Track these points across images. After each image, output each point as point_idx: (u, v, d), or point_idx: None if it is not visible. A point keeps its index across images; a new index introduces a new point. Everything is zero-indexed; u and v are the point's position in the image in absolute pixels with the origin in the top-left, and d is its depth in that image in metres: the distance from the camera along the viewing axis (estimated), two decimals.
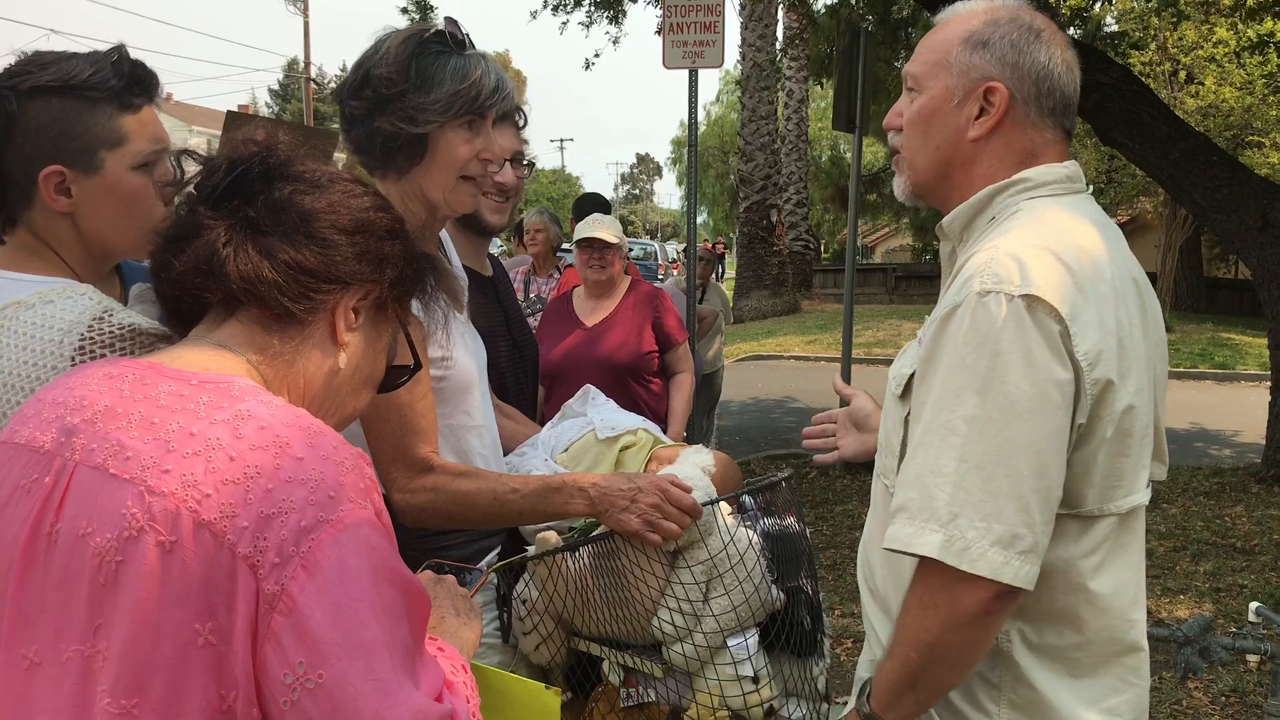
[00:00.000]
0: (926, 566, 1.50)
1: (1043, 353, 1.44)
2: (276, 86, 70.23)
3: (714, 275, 10.02)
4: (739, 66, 24.17)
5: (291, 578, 1.08)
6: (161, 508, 1.08)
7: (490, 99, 1.98)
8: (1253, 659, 4.55)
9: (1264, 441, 8.40)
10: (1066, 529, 1.55)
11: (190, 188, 1.34)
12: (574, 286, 5.35)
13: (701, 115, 7.79)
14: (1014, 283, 1.47)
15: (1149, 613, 5.29)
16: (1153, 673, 1.77)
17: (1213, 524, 7.00)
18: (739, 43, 22.80)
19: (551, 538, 2.00)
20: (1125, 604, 1.59)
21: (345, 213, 1.33)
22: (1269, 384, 8.38)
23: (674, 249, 35.23)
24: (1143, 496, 1.57)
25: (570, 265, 5.99)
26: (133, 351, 1.51)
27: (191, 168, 1.39)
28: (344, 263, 1.31)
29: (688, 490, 1.95)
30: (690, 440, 6.08)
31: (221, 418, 1.15)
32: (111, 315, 1.55)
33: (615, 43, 11.79)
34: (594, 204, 6.43)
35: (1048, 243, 1.52)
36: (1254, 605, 3.59)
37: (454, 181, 2.01)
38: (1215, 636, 3.41)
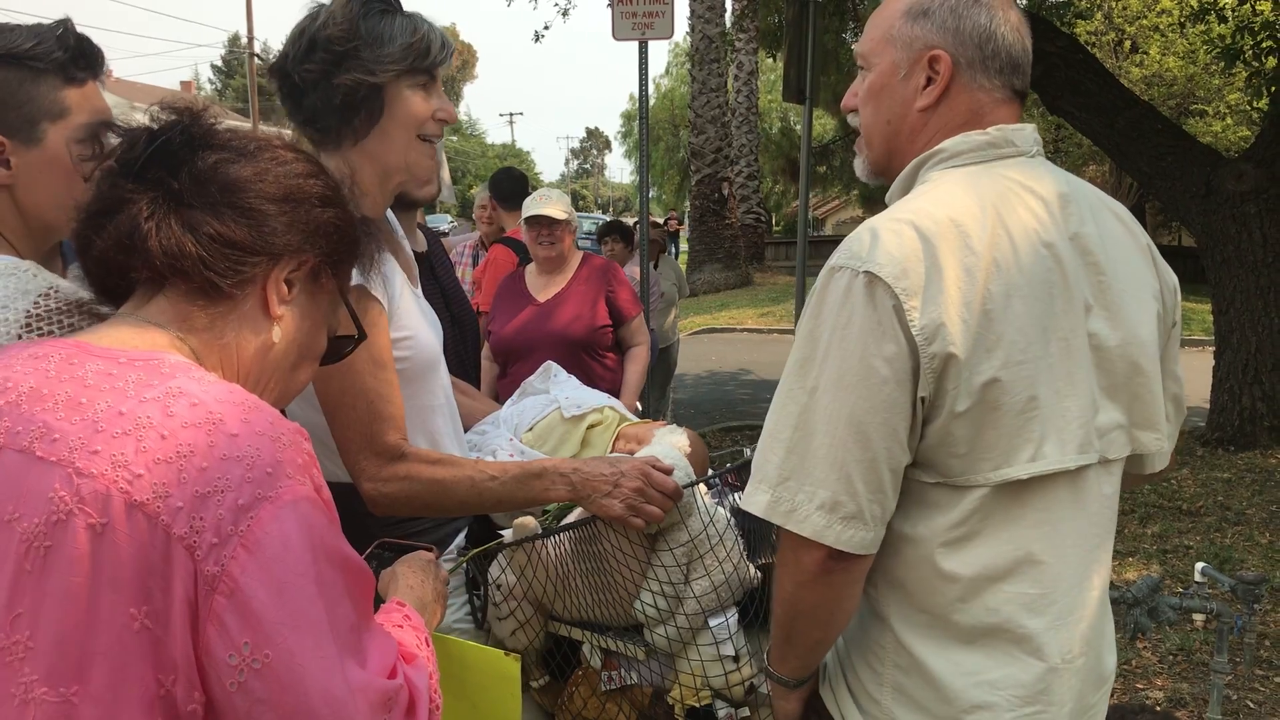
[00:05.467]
0: (785, 529, 1.56)
1: (874, 328, 1.47)
2: (220, 63, 69.17)
3: (667, 250, 9.99)
4: (688, 39, 24.07)
5: (231, 558, 1.06)
6: (91, 489, 1.05)
7: (440, 55, 1.99)
8: (1199, 618, 4.66)
9: (1208, 406, 8.56)
10: (938, 498, 1.57)
11: (111, 160, 1.29)
12: (520, 264, 5.31)
13: (651, 88, 7.75)
14: (861, 258, 1.50)
15: None
16: None
17: (1159, 487, 7.12)
18: (688, 14, 22.70)
19: (530, 523, 1.98)
20: (992, 576, 1.57)
21: (274, 181, 1.29)
22: (1213, 349, 8.53)
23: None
24: (1020, 470, 1.53)
25: (497, 242, 5.95)
26: (80, 326, 1.47)
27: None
28: (273, 233, 1.27)
29: (669, 472, 1.93)
30: (644, 413, 6.07)
31: (152, 396, 1.12)
32: (57, 291, 1.52)
33: (564, 15, 11.71)
34: (513, 180, 6.37)
35: (915, 215, 1.53)
36: (1200, 566, 3.66)
37: (412, 140, 1.99)
38: (1163, 597, 3.47)
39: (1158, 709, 4.08)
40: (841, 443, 1.49)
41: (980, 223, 1.53)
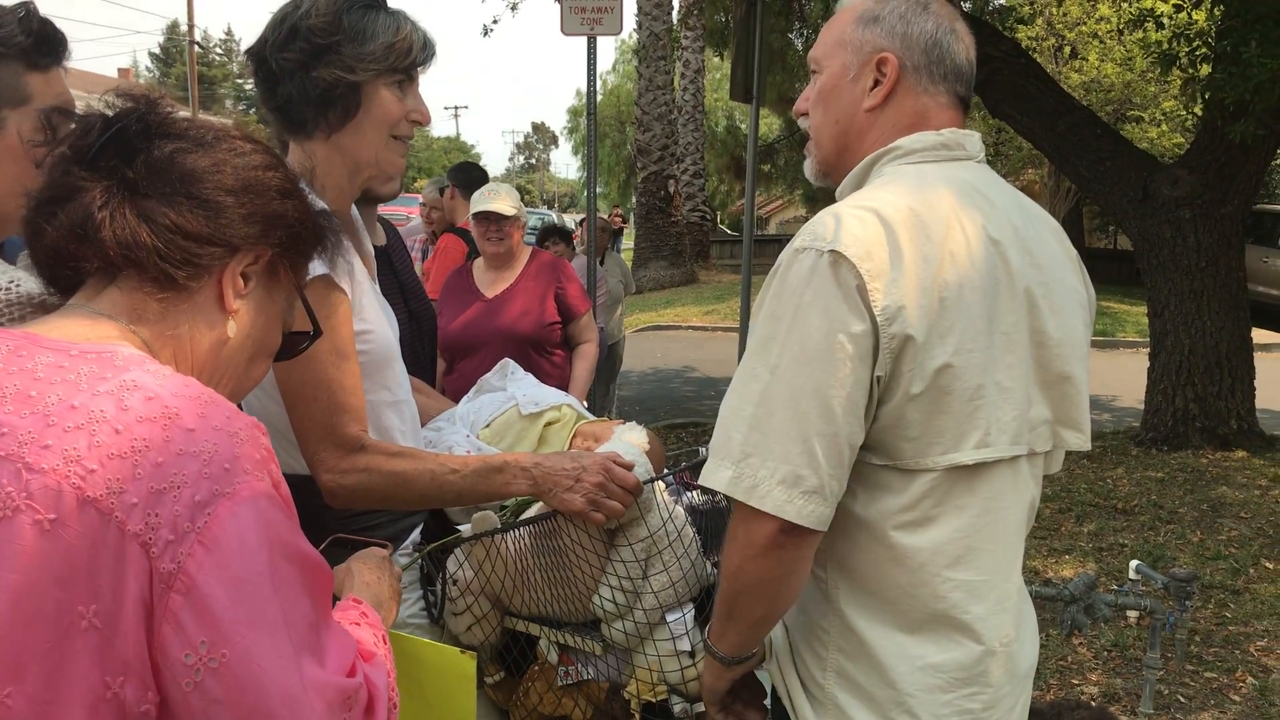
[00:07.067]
0: (736, 503, 1.58)
1: (839, 306, 1.51)
2: (158, 50, 67.98)
3: (611, 247, 10.01)
4: (635, 36, 24.06)
5: (189, 555, 1.04)
6: (41, 485, 1.02)
7: (420, 55, 1.99)
8: (1133, 614, 4.77)
9: (1142, 406, 8.73)
10: (888, 481, 1.62)
11: (64, 147, 1.25)
12: (469, 254, 5.29)
13: (598, 85, 7.74)
14: (825, 239, 1.54)
15: (1035, 573, 5.48)
16: (1040, 630, 1.83)
17: (1095, 486, 7.26)
18: (635, 11, 22.69)
19: (490, 517, 1.97)
20: (942, 563, 1.62)
21: (232, 172, 1.26)
22: (1147, 351, 8.70)
23: (572, 220, 35.03)
24: (967, 456, 1.59)
25: (448, 231, 5.92)
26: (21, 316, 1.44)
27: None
28: (230, 225, 1.24)
29: (630, 468, 1.94)
30: (590, 410, 6.08)
31: (105, 389, 1.09)
32: (18, 285, 1.48)
33: (513, 9, 11.63)
34: (477, 169, 6.35)
35: (877, 203, 1.59)
36: (1134, 563, 3.74)
37: (385, 140, 1.99)
38: (1099, 594, 3.54)
39: (1093, 704, 4.17)
40: (805, 416, 1.52)
41: (937, 215, 1.59)
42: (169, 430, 1.08)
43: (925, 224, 1.57)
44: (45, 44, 1.63)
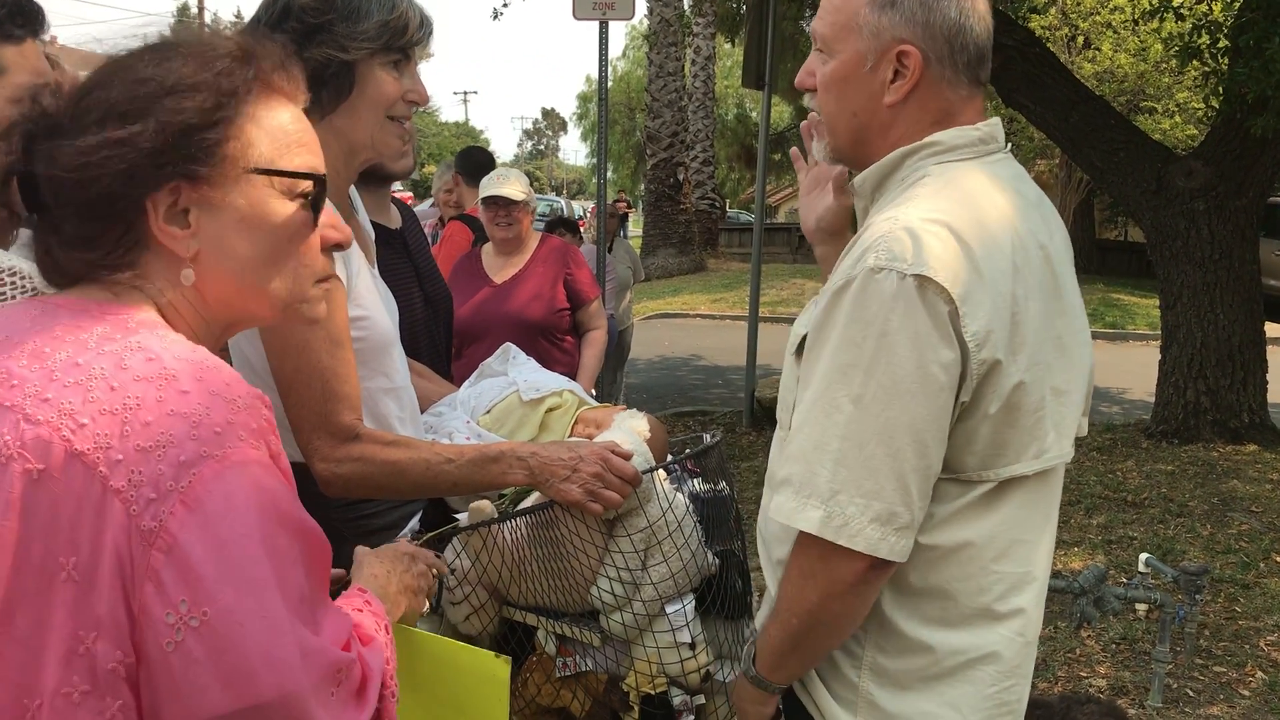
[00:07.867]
0: (807, 538, 1.52)
1: (929, 334, 1.45)
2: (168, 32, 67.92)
3: (619, 233, 9.98)
4: (645, 21, 23.99)
5: (170, 514, 1.04)
6: (34, 435, 1.05)
7: (418, 34, 1.95)
8: (1142, 608, 4.74)
9: (1153, 399, 8.68)
10: (943, 489, 1.57)
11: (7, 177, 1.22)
12: (475, 242, 5.26)
13: (609, 70, 7.72)
14: (907, 260, 1.46)
15: None
16: (1048, 623, 1.81)
17: (1105, 478, 7.23)
18: None
19: (486, 507, 1.95)
20: (989, 557, 1.60)
21: (93, 138, 1.14)
22: (1158, 343, 8.66)
23: (580, 206, 35.00)
24: (1026, 467, 1.57)
25: (454, 218, 5.90)
26: (12, 296, 1.43)
27: None
28: (108, 209, 1.16)
29: (628, 458, 1.91)
30: (597, 398, 6.07)
31: (111, 349, 1.11)
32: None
33: None
34: (482, 155, 6.33)
35: (947, 216, 1.51)
36: (1144, 556, 3.73)
37: (381, 121, 1.95)
38: (1108, 587, 3.53)
39: (1101, 697, 4.14)
40: (899, 453, 1.46)
41: (1000, 226, 1.54)
42: (163, 390, 1.08)
43: (994, 237, 1.51)
44: (19, 15, 1.59)
